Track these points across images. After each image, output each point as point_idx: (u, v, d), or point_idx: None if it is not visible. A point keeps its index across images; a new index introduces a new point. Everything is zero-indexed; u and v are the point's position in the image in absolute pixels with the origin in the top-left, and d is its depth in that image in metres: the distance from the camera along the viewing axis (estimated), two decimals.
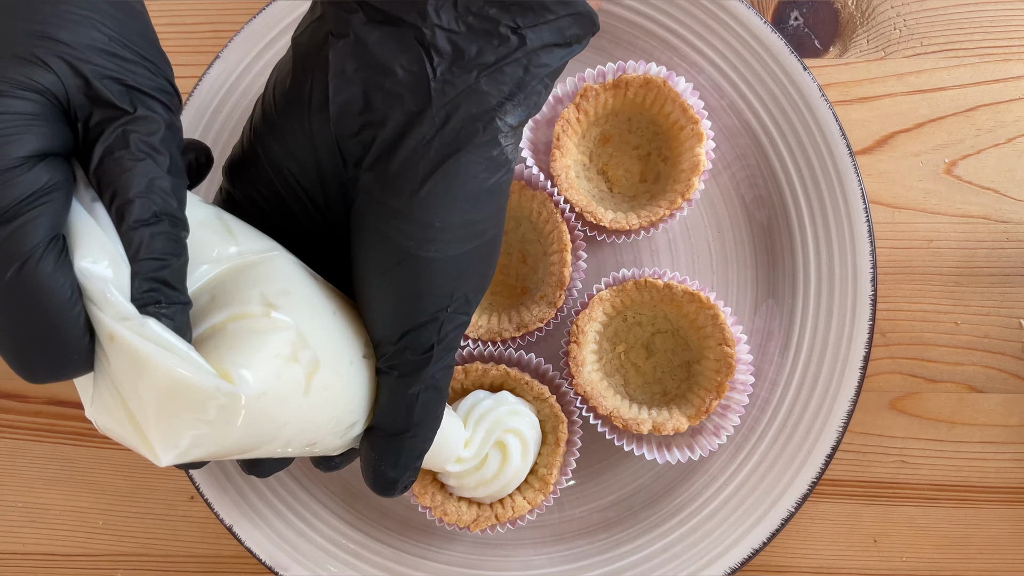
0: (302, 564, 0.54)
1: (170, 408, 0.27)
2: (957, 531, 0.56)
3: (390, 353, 0.35)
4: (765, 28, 0.55)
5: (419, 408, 0.36)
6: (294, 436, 0.32)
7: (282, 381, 0.30)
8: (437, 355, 0.35)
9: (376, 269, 0.35)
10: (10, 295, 0.26)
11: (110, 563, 0.59)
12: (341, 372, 0.34)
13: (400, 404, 0.36)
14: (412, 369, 0.35)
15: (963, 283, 0.58)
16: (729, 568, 0.52)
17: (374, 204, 0.35)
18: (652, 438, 0.54)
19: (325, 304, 0.35)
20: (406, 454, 0.37)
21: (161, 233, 0.28)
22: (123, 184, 0.28)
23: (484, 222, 0.35)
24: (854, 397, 0.53)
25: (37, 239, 0.26)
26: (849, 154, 0.54)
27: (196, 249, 0.31)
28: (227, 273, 0.32)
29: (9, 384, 0.60)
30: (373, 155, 0.34)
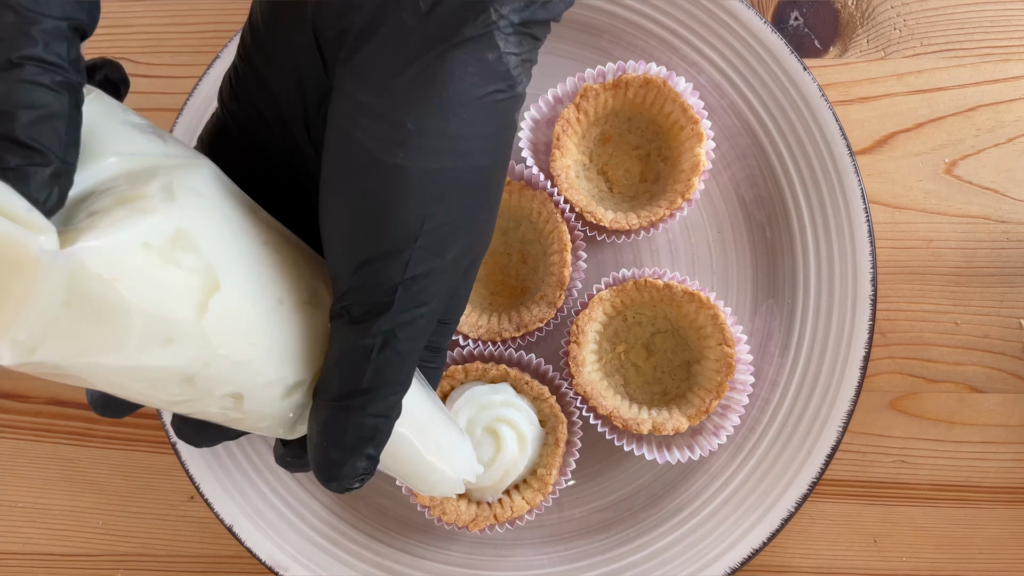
0: (302, 564, 0.54)
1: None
2: (957, 531, 0.56)
3: (344, 290, 0.29)
4: (765, 28, 0.55)
5: (371, 368, 0.29)
6: (197, 370, 0.27)
7: (146, 273, 0.25)
8: (401, 302, 0.28)
9: (337, 178, 0.29)
10: None
11: (110, 563, 0.59)
12: (262, 307, 0.28)
13: (348, 359, 0.29)
14: (365, 313, 0.28)
15: (963, 283, 0.58)
16: (729, 568, 0.52)
17: (341, 99, 0.29)
18: (652, 438, 0.54)
19: (255, 231, 0.30)
20: (352, 429, 0.29)
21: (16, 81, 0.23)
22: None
23: (471, 140, 0.29)
24: (854, 397, 0.53)
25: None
26: (849, 154, 0.54)
27: (113, 141, 0.27)
28: (146, 165, 0.27)
29: (9, 384, 0.60)
30: (349, 44, 0.29)
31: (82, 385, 0.26)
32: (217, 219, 0.28)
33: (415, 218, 0.28)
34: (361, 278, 0.29)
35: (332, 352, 0.30)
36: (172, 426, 0.36)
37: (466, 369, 0.52)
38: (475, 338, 0.53)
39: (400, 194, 0.28)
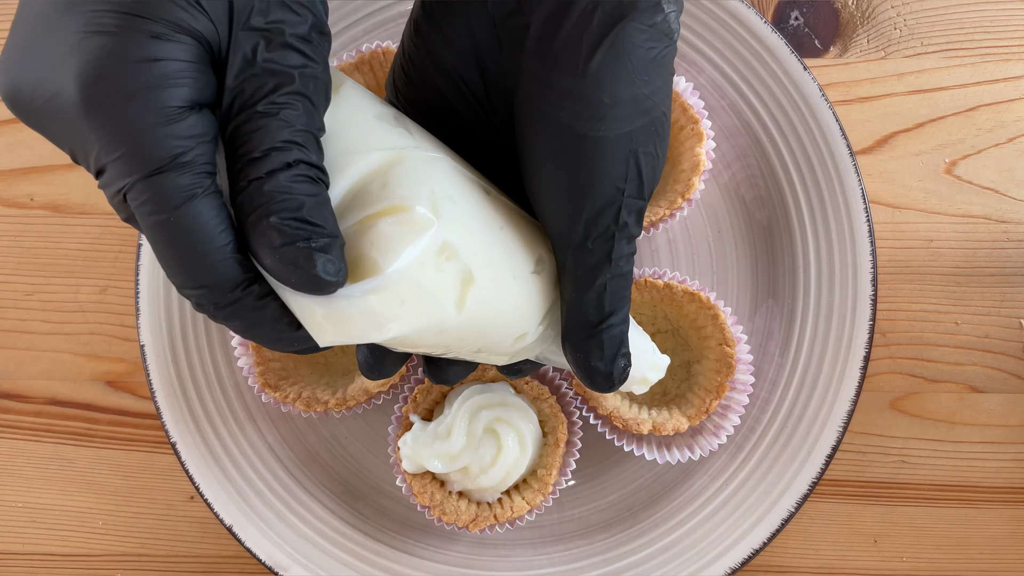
0: (302, 564, 0.54)
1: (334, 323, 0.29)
2: (957, 531, 0.56)
3: (572, 247, 0.34)
4: (765, 28, 0.55)
5: (608, 297, 0.35)
6: (453, 344, 0.33)
7: (425, 289, 0.29)
8: (619, 242, 0.34)
9: (548, 157, 0.34)
10: (170, 233, 0.27)
11: (110, 563, 0.59)
12: (502, 288, 0.33)
13: (589, 299, 0.35)
14: (596, 261, 0.34)
15: (963, 283, 0.58)
16: (729, 568, 0.52)
17: (539, 87, 0.33)
18: (652, 438, 0.54)
19: (493, 217, 0.34)
20: (608, 344, 0.36)
21: (299, 177, 0.28)
22: (257, 140, 0.28)
23: (653, 96, 0.33)
24: (854, 397, 0.53)
25: (194, 183, 0.27)
26: (849, 154, 0.54)
27: (370, 137, 0.31)
28: (401, 161, 0.31)
29: (9, 384, 0.60)
30: (534, 34, 0.33)
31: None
32: (469, 222, 0.32)
33: (620, 175, 0.33)
34: (584, 233, 0.34)
35: (572, 298, 0.35)
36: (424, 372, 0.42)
37: None
38: None
39: (607, 160, 0.33)
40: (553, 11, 0.32)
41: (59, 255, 0.61)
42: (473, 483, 0.50)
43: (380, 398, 0.55)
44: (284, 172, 0.28)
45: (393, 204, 0.29)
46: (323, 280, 0.27)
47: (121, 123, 0.27)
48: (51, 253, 0.61)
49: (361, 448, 0.57)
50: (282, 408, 0.54)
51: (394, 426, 0.53)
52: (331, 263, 0.27)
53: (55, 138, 0.29)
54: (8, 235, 0.61)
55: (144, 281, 0.56)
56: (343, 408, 0.52)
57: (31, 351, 0.61)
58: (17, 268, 0.61)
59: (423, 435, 0.50)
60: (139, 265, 0.56)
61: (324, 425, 0.58)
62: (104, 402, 0.60)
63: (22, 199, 0.61)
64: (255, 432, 0.57)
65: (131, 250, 0.60)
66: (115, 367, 0.60)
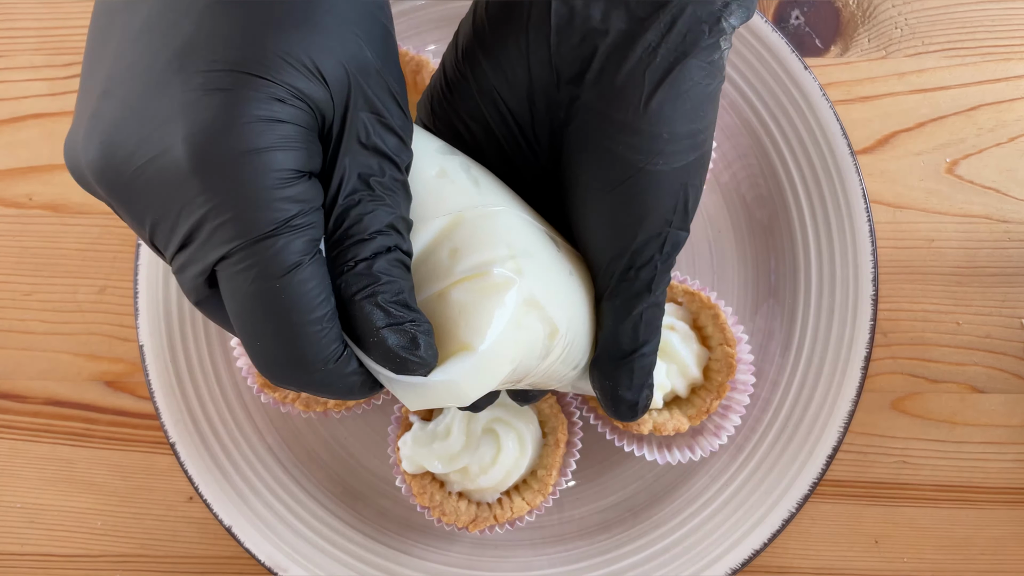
0: (301, 564, 0.54)
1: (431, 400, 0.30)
2: (959, 532, 0.56)
3: (616, 277, 0.35)
4: (766, 27, 0.55)
5: (643, 328, 0.36)
6: (532, 381, 0.35)
7: (512, 353, 0.30)
8: (660, 272, 0.35)
9: (602, 188, 0.34)
10: (274, 302, 0.27)
11: (109, 564, 0.59)
12: (573, 331, 0.34)
13: (626, 328, 0.36)
14: (637, 291, 0.35)
15: (965, 283, 0.58)
16: (730, 569, 0.52)
17: (597, 120, 0.33)
18: (652, 438, 0.54)
19: (563, 264, 0.35)
20: (637, 374, 0.36)
21: (396, 262, 0.29)
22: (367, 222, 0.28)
23: (705, 131, 0.34)
24: (855, 397, 0.53)
25: (305, 248, 0.27)
26: (850, 153, 0.54)
27: (436, 201, 0.32)
28: (466, 223, 0.32)
29: (7, 384, 0.60)
30: (595, 68, 0.33)
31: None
32: (546, 273, 0.33)
33: (670, 207, 0.34)
34: (628, 263, 0.35)
35: (609, 326, 0.36)
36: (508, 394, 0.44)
37: None
38: None
39: (661, 193, 0.34)
40: (618, 45, 0.32)
41: (58, 255, 0.61)
42: (473, 483, 0.50)
43: (380, 398, 0.54)
44: (385, 256, 0.29)
45: (470, 273, 0.30)
46: (418, 364, 0.28)
47: (233, 183, 0.26)
48: (50, 253, 0.61)
49: (361, 448, 0.57)
50: (281, 408, 0.54)
51: (394, 426, 0.53)
52: (430, 348, 0.28)
53: (144, 205, 0.27)
54: (7, 235, 0.61)
55: (143, 281, 0.56)
56: (343, 408, 0.52)
57: (29, 351, 0.60)
58: (15, 268, 0.61)
59: (423, 435, 0.50)
60: (138, 265, 0.56)
61: (324, 425, 0.57)
62: (103, 402, 0.60)
63: (21, 199, 0.61)
64: (254, 432, 0.57)
65: (130, 250, 0.60)
66: (114, 367, 0.60)
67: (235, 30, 0.27)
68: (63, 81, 0.62)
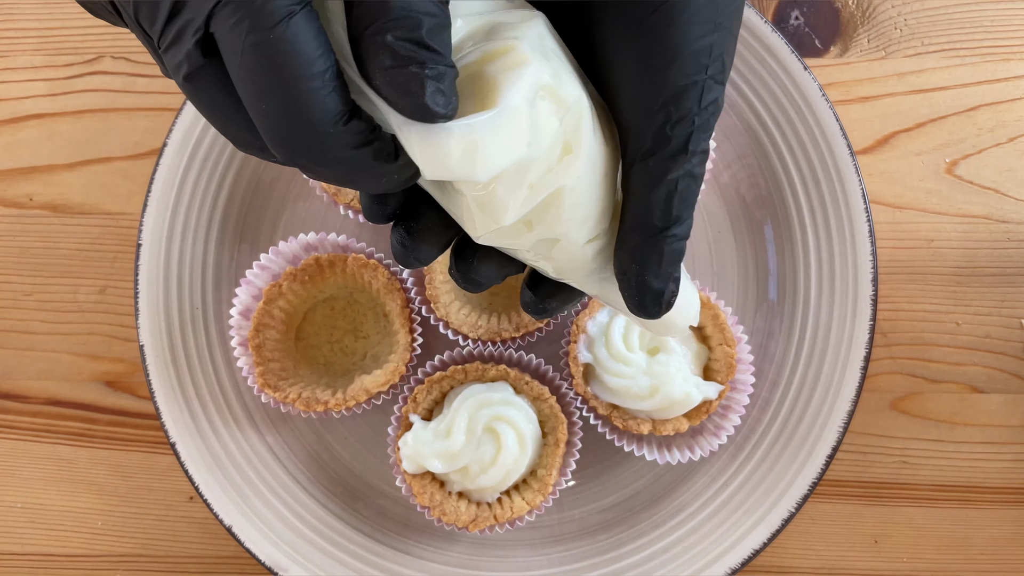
0: (301, 564, 0.54)
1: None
2: (958, 532, 0.56)
3: (651, 132, 0.31)
4: (765, 28, 0.55)
5: (677, 200, 0.31)
6: (534, 217, 0.31)
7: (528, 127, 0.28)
8: (698, 130, 0.31)
9: (628, 27, 0.31)
10: (268, 56, 0.25)
11: (110, 563, 0.59)
12: (595, 172, 0.31)
13: (658, 196, 0.31)
14: (672, 151, 0.31)
15: (964, 283, 0.58)
16: (730, 568, 0.52)
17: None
18: (652, 438, 0.54)
19: (586, 88, 0.32)
20: (668, 256, 0.32)
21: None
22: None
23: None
24: (855, 397, 0.53)
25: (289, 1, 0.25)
26: (850, 154, 0.54)
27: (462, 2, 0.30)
28: (490, 22, 0.30)
29: (8, 384, 0.60)
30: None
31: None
32: (572, 76, 0.30)
33: (703, 49, 0.30)
34: (663, 116, 0.30)
35: (639, 194, 0.32)
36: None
37: (466, 369, 0.52)
38: (475, 338, 0.53)
39: (692, 26, 0.30)
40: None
41: (58, 255, 0.61)
42: (473, 483, 0.50)
43: (380, 398, 0.54)
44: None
45: (499, 47, 0.28)
46: (431, 110, 0.26)
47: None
48: (50, 253, 0.61)
49: (361, 448, 0.57)
50: (282, 408, 0.54)
51: (394, 426, 0.53)
52: (441, 93, 0.26)
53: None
54: (7, 235, 0.61)
55: (143, 281, 0.56)
56: (343, 408, 0.52)
57: (30, 351, 0.60)
58: (16, 268, 0.61)
59: (423, 434, 0.50)
60: (138, 265, 0.56)
61: (324, 425, 0.57)
62: (103, 402, 0.60)
63: (21, 199, 0.61)
64: (255, 432, 0.57)
65: (130, 250, 0.60)
66: (114, 367, 0.60)
67: None
68: (63, 81, 0.62)
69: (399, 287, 0.54)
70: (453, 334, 0.54)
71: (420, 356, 0.55)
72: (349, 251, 0.55)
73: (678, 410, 0.51)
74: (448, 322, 0.53)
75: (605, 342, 0.51)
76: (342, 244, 0.55)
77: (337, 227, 0.57)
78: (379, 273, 0.53)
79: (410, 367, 0.54)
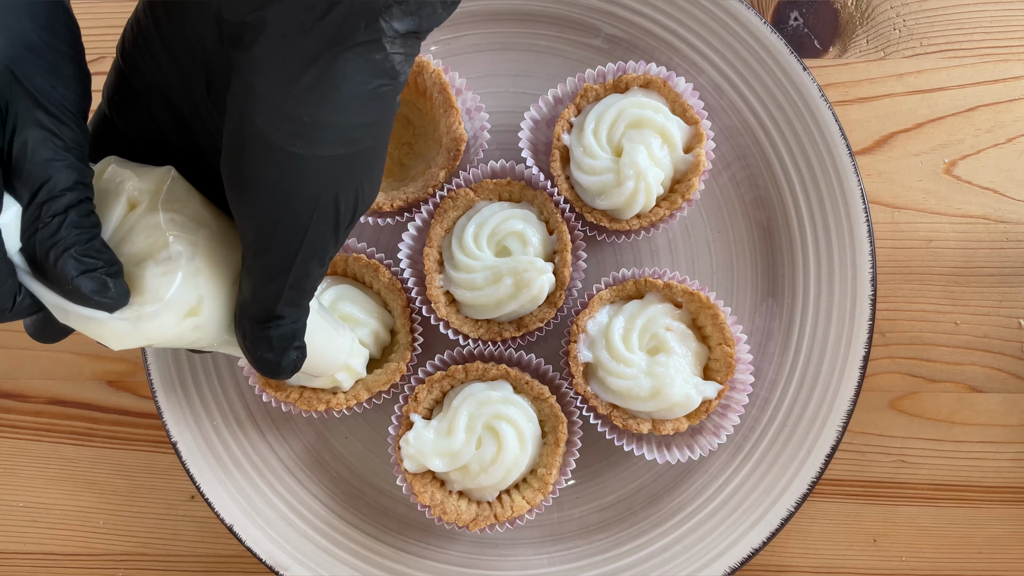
0: (302, 564, 0.54)
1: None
2: (957, 530, 0.56)
3: (256, 246, 0.35)
4: (765, 28, 0.55)
5: (281, 304, 0.36)
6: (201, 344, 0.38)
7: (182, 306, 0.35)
8: (300, 262, 0.35)
9: (239, 158, 0.34)
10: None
11: (111, 563, 0.59)
12: (218, 302, 0.37)
13: (264, 300, 0.36)
14: (276, 267, 0.35)
15: (963, 283, 0.58)
16: (729, 568, 0.53)
17: (244, 86, 0.33)
18: (652, 438, 0.54)
19: (211, 217, 0.37)
20: (276, 338, 0.38)
21: (86, 212, 0.32)
22: (50, 184, 0.31)
23: (360, 129, 0.34)
24: (854, 397, 0.53)
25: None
26: (849, 154, 0.54)
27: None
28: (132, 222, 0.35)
29: (10, 383, 0.60)
30: (249, 37, 0.33)
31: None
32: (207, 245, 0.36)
33: (312, 196, 0.34)
34: (268, 241, 0.34)
35: (248, 289, 0.36)
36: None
37: (466, 369, 0.52)
38: (475, 338, 0.53)
39: (297, 177, 0.33)
40: (270, 17, 0.32)
41: None
42: (473, 482, 0.50)
43: (380, 398, 0.55)
44: (76, 208, 0.32)
45: (153, 241, 0.34)
46: (110, 303, 0.32)
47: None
48: None
49: (361, 448, 0.57)
50: (283, 407, 0.54)
51: (395, 425, 0.53)
52: (120, 287, 0.32)
53: None
54: None
55: None
56: (343, 408, 0.52)
57: (32, 350, 0.61)
58: None
59: (424, 433, 0.50)
60: None
61: (325, 424, 0.58)
62: (105, 402, 0.60)
63: None
64: (256, 432, 0.57)
65: None
66: (116, 367, 0.60)
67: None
68: None
69: (400, 287, 0.54)
70: (454, 334, 0.54)
71: (421, 356, 0.56)
72: (350, 251, 0.55)
73: (678, 412, 0.51)
74: (449, 322, 0.53)
75: (606, 343, 0.52)
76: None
77: None
78: (380, 273, 0.53)
79: (411, 367, 0.54)
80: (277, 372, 0.39)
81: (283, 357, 0.39)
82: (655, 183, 0.52)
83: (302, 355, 0.40)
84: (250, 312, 0.37)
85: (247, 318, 0.37)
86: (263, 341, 0.38)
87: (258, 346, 0.38)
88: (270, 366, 0.39)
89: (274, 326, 0.37)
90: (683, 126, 0.53)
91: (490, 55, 0.59)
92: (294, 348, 0.39)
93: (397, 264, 0.55)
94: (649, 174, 0.51)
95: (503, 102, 0.59)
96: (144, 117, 0.39)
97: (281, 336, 0.38)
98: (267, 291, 0.36)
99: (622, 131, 0.52)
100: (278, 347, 0.38)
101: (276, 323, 0.37)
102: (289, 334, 0.38)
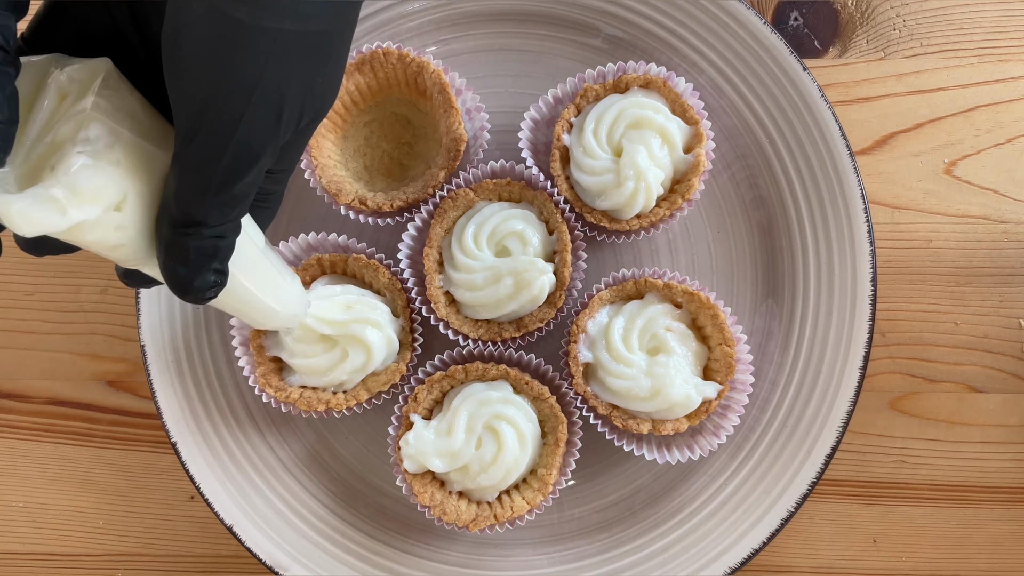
0: (302, 564, 0.54)
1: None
2: (956, 531, 0.56)
3: (185, 129, 0.31)
4: (765, 28, 0.55)
5: (207, 205, 0.32)
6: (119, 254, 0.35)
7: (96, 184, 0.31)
8: (233, 153, 0.31)
9: (179, 24, 0.30)
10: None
11: (110, 563, 0.59)
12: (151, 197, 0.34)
13: (186, 195, 0.32)
14: (205, 157, 0.31)
15: (963, 283, 0.58)
16: (729, 568, 0.53)
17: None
18: (652, 438, 0.54)
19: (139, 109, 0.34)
20: (194, 250, 0.33)
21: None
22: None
23: (313, 6, 0.31)
24: (854, 397, 0.53)
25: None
26: (849, 154, 0.54)
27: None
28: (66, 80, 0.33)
29: (10, 384, 0.60)
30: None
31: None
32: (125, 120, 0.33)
33: (251, 73, 0.30)
34: (198, 123, 0.31)
35: (172, 185, 0.32)
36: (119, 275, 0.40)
37: (466, 369, 0.52)
38: (475, 338, 0.53)
39: (239, 47, 0.30)
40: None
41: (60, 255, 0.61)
42: (473, 482, 0.50)
43: (380, 398, 0.55)
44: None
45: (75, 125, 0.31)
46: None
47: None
48: None
49: (361, 448, 0.57)
50: (283, 408, 0.54)
51: (395, 425, 0.53)
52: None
53: None
54: (8, 235, 0.61)
55: None
56: (343, 408, 0.52)
57: (32, 351, 0.61)
58: (18, 268, 0.61)
59: (424, 433, 0.50)
60: None
61: (325, 424, 0.58)
62: (105, 402, 0.60)
63: None
64: (255, 432, 0.57)
65: None
66: (115, 367, 0.60)
67: None
68: None
69: (400, 287, 0.54)
70: (453, 334, 0.54)
71: (421, 356, 0.56)
72: (350, 251, 0.55)
73: (678, 412, 0.51)
74: (449, 322, 0.53)
75: (605, 343, 0.52)
76: (343, 244, 0.55)
77: (338, 227, 0.57)
78: (380, 273, 0.53)
79: (410, 367, 0.54)
80: (189, 290, 0.34)
81: (198, 275, 0.34)
82: (655, 183, 0.52)
83: (221, 281, 0.35)
84: (171, 212, 0.33)
85: (167, 221, 0.33)
86: (179, 251, 0.33)
87: (172, 255, 0.33)
88: (181, 282, 0.34)
89: (194, 233, 0.33)
90: (683, 126, 0.53)
91: (490, 55, 0.59)
92: (212, 269, 0.34)
93: (397, 264, 0.55)
94: (649, 174, 0.51)
95: (503, 102, 0.59)
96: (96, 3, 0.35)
97: (200, 249, 0.33)
98: (190, 185, 0.32)
99: (622, 131, 0.52)
100: (195, 262, 0.34)
101: (196, 230, 0.33)
102: (210, 249, 0.34)
